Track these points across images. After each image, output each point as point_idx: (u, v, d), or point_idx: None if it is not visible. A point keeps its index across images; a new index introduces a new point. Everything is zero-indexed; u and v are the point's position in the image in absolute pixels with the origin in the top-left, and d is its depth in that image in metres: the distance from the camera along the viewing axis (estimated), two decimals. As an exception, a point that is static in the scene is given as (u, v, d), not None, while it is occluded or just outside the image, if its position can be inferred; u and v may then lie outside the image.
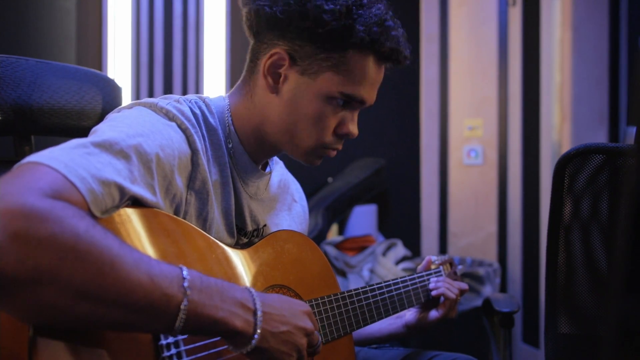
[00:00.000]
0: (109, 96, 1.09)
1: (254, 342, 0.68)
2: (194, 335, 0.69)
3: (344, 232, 2.79)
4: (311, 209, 2.55)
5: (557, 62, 2.38)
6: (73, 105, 1.02)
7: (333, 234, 2.75)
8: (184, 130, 0.80)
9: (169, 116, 0.80)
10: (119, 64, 2.73)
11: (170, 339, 0.68)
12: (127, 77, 2.74)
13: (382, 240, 2.68)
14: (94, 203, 0.62)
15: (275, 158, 1.05)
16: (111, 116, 0.79)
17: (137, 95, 2.75)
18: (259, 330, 0.68)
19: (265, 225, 0.98)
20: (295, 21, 0.82)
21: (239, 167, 0.91)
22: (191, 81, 2.79)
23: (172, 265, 0.63)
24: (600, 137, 2.37)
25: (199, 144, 0.81)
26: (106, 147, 0.67)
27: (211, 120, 0.87)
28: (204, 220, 0.84)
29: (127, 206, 0.70)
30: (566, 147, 2.30)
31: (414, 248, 2.99)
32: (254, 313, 0.69)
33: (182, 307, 0.61)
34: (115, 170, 0.66)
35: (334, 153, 0.93)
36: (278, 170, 1.06)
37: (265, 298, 0.72)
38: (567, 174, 1.03)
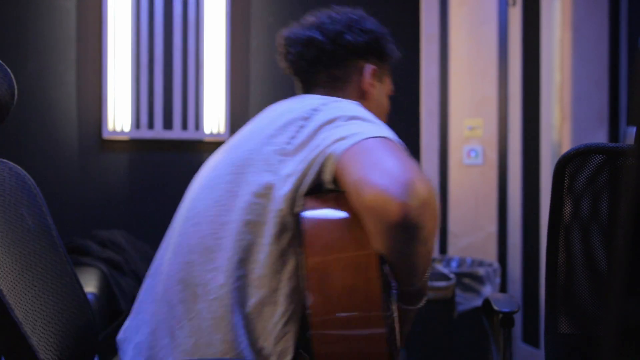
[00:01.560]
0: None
1: (422, 303, 0.91)
2: (410, 289, 0.88)
3: (344, 232, 2.78)
4: (311, 209, 2.55)
5: (557, 62, 2.38)
6: None
7: (333, 234, 2.75)
8: None
9: None
10: (119, 64, 2.73)
11: None
12: (127, 77, 2.74)
13: (382, 240, 2.68)
14: None
15: None
16: (344, 108, 0.91)
17: (137, 95, 2.74)
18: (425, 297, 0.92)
19: None
20: (373, 46, 1.13)
21: None
22: (191, 81, 2.79)
23: None
24: (600, 137, 2.37)
25: None
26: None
27: None
28: None
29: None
30: (566, 147, 2.30)
31: (414, 248, 2.98)
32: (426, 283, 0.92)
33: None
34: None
35: None
36: None
37: None
38: (567, 174, 1.03)
